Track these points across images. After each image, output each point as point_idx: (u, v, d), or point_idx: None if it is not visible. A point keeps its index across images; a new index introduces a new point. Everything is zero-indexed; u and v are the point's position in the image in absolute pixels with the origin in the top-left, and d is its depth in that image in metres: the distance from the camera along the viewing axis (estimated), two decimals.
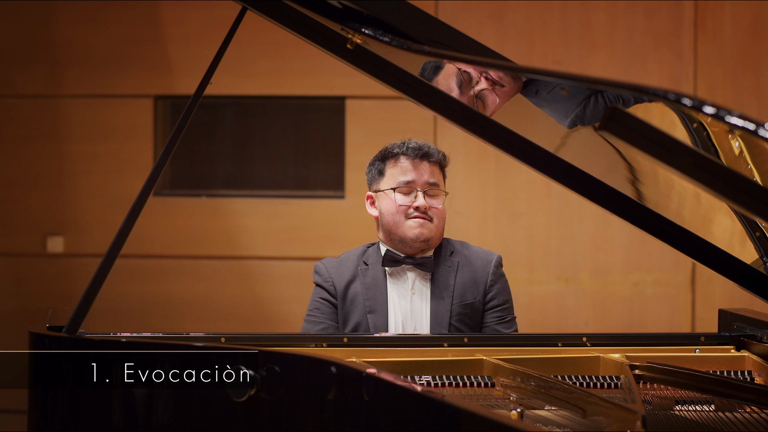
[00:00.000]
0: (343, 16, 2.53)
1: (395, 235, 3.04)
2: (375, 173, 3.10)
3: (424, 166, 3.04)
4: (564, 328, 5.43)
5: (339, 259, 3.13)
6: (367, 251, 3.12)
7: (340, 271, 3.08)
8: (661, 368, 2.54)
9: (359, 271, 3.06)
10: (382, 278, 3.04)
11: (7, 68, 5.69)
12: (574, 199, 3.26)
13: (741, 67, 5.42)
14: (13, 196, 5.71)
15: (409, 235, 3.01)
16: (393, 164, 3.06)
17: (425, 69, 2.67)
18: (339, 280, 3.07)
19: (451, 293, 3.00)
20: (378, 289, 3.02)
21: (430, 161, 3.05)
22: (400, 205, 3.02)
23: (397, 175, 3.04)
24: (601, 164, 2.72)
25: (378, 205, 3.09)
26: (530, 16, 5.49)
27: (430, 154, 3.05)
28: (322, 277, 3.11)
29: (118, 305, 5.56)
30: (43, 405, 2.43)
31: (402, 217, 3.02)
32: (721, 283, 5.25)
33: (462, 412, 1.99)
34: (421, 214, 3.01)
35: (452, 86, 2.66)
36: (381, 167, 3.09)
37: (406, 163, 3.04)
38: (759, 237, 2.63)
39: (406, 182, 3.03)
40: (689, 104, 1.85)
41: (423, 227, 3.01)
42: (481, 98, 2.65)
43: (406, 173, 3.04)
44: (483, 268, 3.07)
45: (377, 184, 3.09)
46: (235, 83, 5.59)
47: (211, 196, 5.68)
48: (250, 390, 2.28)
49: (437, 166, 3.07)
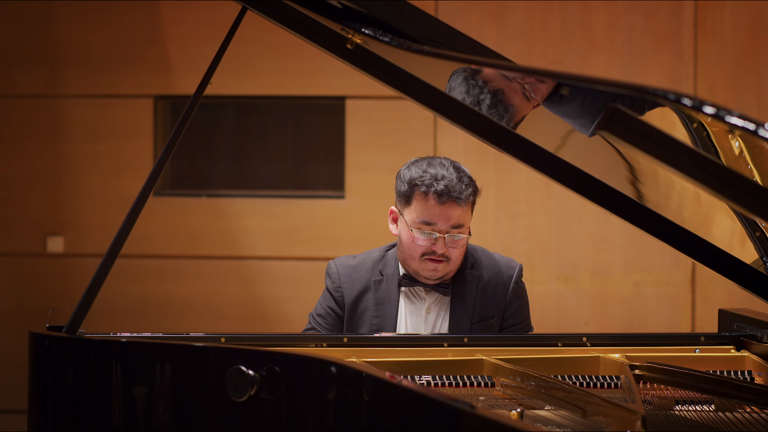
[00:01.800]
0: (343, 16, 2.53)
1: (409, 267, 2.92)
2: (401, 194, 2.91)
3: (452, 211, 2.84)
4: (564, 328, 5.43)
5: (354, 265, 2.99)
6: (386, 257, 2.99)
7: (352, 280, 2.96)
8: (661, 368, 2.54)
9: (372, 283, 2.95)
10: (395, 294, 2.94)
11: (7, 68, 5.69)
12: (574, 199, 3.26)
13: (741, 67, 5.42)
14: (13, 196, 5.71)
15: (423, 274, 2.89)
16: (419, 199, 2.87)
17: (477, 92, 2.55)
18: (349, 291, 2.95)
19: (471, 311, 2.92)
20: (389, 306, 2.93)
21: (459, 204, 2.86)
22: (418, 244, 2.88)
23: (421, 214, 2.86)
24: (601, 164, 2.71)
25: (399, 227, 2.94)
26: (530, 16, 5.49)
27: (459, 198, 2.84)
28: (333, 283, 2.98)
29: (118, 305, 5.56)
30: (43, 405, 2.43)
31: (418, 254, 2.87)
32: (721, 283, 5.26)
33: (462, 412, 1.99)
34: (438, 257, 2.87)
35: (518, 100, 2.58)
36: (408, 193, 2.89)
37: (432, 204, 2.85)
38: (759, 237, 2.63)
39: (429, 225, 2.86)
40: (689, 104, 1.85)
41: (437, 270, 2.88)
42: (531, 91, 2.58)
43: (431, 216, 2.85)
44: (504, 284, 2.97)
45: (401, 207, 2.92)
46: (235, 83, 5.59)
47: (211, 196, 5.68)
48: (250, 390, 2.28)
49: (467, 205, 2.88)
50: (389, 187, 5.50)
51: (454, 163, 2.92)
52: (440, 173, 2.87)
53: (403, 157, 5.62)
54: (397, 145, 5.58)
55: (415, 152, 5.56)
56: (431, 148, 5.53)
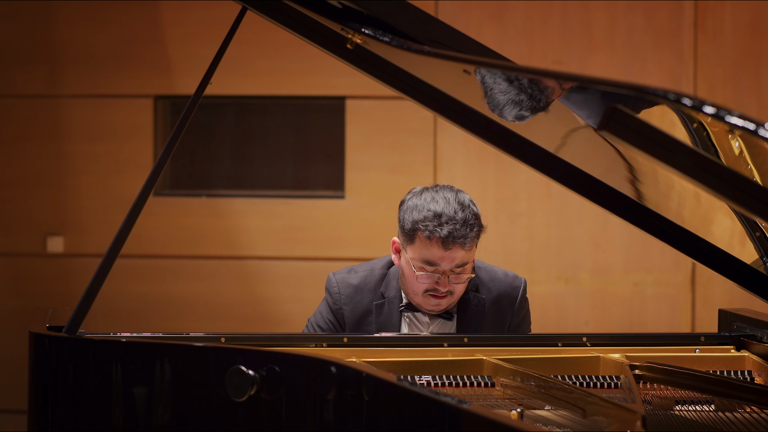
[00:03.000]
0: (343, 16, 2.53)
1: (411, 299, 2.88)
2: (404, 231, 2.82)
3: (456, 254, 2.77)
4: (564, 328, 5.43)
5: (356, 285, 2.93)
6: (387, 276, 2.93)
7: (354, 301, 2.92)
8: (661, 368, 2.54)
9: (374, 307, 2.91)
10: (396, 318, 2.91)
11: (7, 68, 5.69)
12: (574, 199, 3.26)
13: (741, 67, 5.42)
14: (13, 196, 5.71)
15: (425, 307, 2.86)
16: (422, 241, 2.78)
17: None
18: (350, 313, 2.91)
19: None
20: (390, 330, 2.90)
21: (464, 247, 2.77)
22: (420, 282, 2.81)
23: (424, 256, 2.78)
24: (601, 164, 2.71)
25: (401, 260, 2.86)
26: (530, 16, 5.49)
27: (464, 243, 2.76)
28: (333, 302, 2.94)
29: (118, 305, 5.56)
30: (43, 405, 2.43)
31: (420, 290, 2.82)
32: (721, 283, 5.26)
33: (462, 412, 1.99)
34: (441, 294, 2.81)
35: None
36: (411, 231, 2.79)
37: (435, 248, 2.76)
38: (759, 237, 2.63)
39: (432, 266, 2.79)
40: (689, 104, 1.85)
41: (440, 305, 2.84)
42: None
43: (434, 258, 2.78)
44: (509, 304, 2.94)
45: (403, 242, 2.84)
46: (235, 83, 5.59)
47: (211, 196, 5.68)
48: (250, 390, 2.28)
49: (472, 245, 2.81)
50: (389, 187, 5.54)
51: (459, 197, 2.82)
52: (445, 214, 2.77)
53: (403, 157, 5.67)
54: (397, 145, 5.58)
55: (415, 152, 5.58)
56: (431, 148, 5.54)
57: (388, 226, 5.58)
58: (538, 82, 2.45)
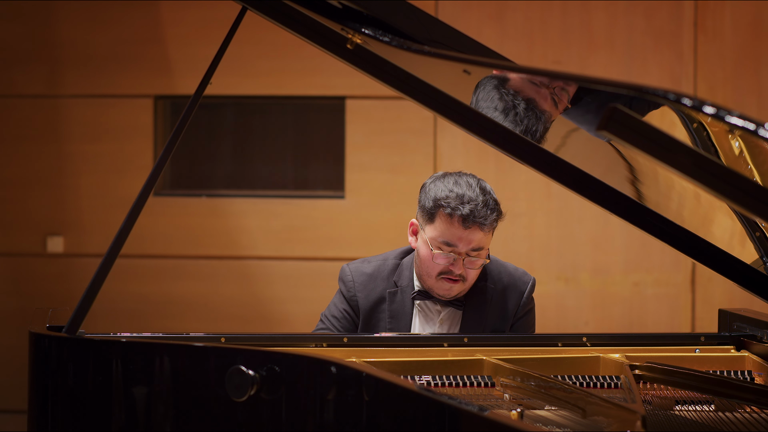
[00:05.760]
0: (343, 16, 2.53)
1: (424, 282, 2.91)
2: (425, 210, 2.88)
3: (474, 235, 2.84)
4: (564, 328, 5.43)
5: (370, 273, 2.97)
6: (401, 266, 2.98)
7: (367, 289, 2.95)
8: (661, 368, 2.54)
9: (387, 294, 2.94)
10: (409, 306, 2.94)
11: (7, 68, 5.69)
12: (574, 199, 3.25)
13: (741, 67, 5.42)
14: (13, 196, 5.71)
15: (438, 292, 2.90)
16: (443, 219, 2.84)
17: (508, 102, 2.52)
18: (364, 300, 2.95)
19: (482, 325, 2.92)
20: (403, 319, 2.93)
21: (483, 229, 2.86)
22: (436, 262, 2.86)
23: (443, 234, 2.84)
24: (601, 164, 2.71)
25: (418, 241, 2.92)
26: (530, 16, 5.49)
27: (484, 224, 2.84)
28: (347, 290, 2.97)
29: (118, 305, 5.56)
30: (43, 405, 2.43)
31: (435, 272, 2.86)
32: (721, 283, 5.26)
33: (462, 412, 1.99)
34: (455, 277, 2.86)
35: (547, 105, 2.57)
36: (432, 210, 2.86)
37: (456, 226, 2.83)
38: (759, 237, 2.63)
39: (450, 246, 2.85)
40: (689, 104, 1.85)
41: (452, 289, 2.88)
42: (558, 96, 2.56)
43: (452, 238, 2.84)
44: (516, 297, 2.98)
45: (422, 222, 2.89)
46: (235, 83, 5.59)
47: (211, 196, 5.68)
48: (250, 390, 2.28)
49: (490, 229, 2.89)
50: (389, 187, 5.54)
51: (481, 183, 2.90)
52: (467, 195, 2.85)
53: (403, 157, 5.67)
54: (397, 145, 5.58)
55: (415, 152, 5.58)
56: (431, 148, 5.54)
57: (388, 226, 5.59)
58: (542, 115, 2.49)
